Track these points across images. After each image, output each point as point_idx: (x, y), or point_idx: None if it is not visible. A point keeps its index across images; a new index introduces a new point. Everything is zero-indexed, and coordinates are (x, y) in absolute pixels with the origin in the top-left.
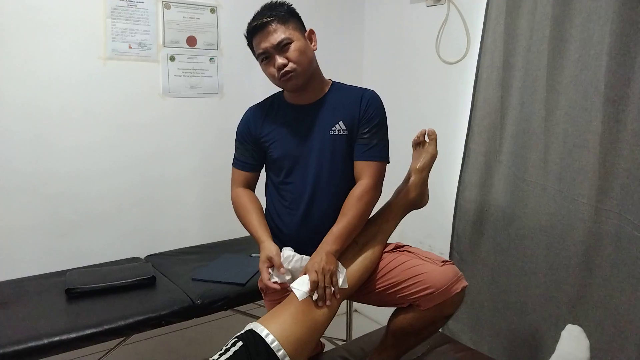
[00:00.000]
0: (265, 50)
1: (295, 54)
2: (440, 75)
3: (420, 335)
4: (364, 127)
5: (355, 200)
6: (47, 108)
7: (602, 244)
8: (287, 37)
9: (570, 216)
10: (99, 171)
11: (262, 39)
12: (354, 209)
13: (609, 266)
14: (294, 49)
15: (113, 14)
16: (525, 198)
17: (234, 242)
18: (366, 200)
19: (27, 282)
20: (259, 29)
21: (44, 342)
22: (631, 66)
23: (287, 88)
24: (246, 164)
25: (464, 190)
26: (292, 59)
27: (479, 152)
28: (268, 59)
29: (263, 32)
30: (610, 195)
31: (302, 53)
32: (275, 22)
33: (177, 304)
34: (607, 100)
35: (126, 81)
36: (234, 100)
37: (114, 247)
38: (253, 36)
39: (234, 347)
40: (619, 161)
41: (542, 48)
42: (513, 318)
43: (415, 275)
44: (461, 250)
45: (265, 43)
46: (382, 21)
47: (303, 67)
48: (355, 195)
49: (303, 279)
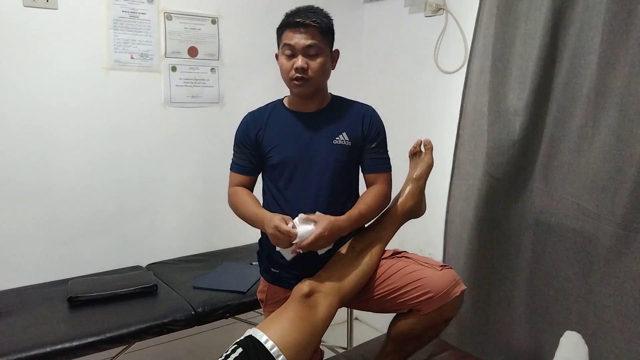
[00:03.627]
0: (293, 47)
1: (317, 66)
2: (438, 85)
3: (420, 340)
4: (372, 142)
5: (375, 194)
6: (50, 118)
7: (593, 246)
8: (318, 48)
9: (559, 216)
10: (101, 180)
11: (295, 35)
12: (373, 202)
13: (603, 270)
14: (318, 61)
15: (115, 25)
16: (515, 203)
17: (235, 250)
18: (383, 199)
19: (30, 291)
20: (298, 25)
21: (47, 350)
22: (619, 74)
23: (295, 91)
24: (244, 167)
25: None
26: (312, 68)
27: (466, 160)
28: (291, 54)
29: (300, 30)
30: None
31: (322, 68)
32: (315, 28)
33: (179, 312)
34: (596, 107)
35: (128, 91)
36: (235, 109)
37: (116, 255)
38: (288, 27)
39: (234, 353)
40: (603, 164)
41: (535, 55)
42: (512, 324)
43: (415, 281)
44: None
45: (297, 40)
46: (381, 31)
47: (317, 80)
48: (374, 192)
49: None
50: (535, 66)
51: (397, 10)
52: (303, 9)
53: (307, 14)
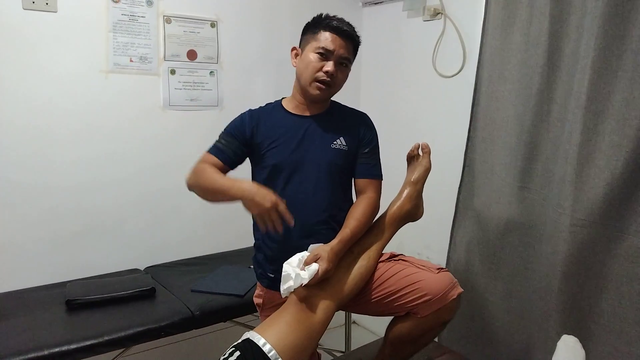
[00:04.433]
0: (330, 51)
1: (342, 76)
2: (436, 89)
3: (417, 343)
4: (365, 147)
5: (365, 206)
6: (49, 120)
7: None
8: (349, 61)
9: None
10: (100, 183)
11: (337, 41)
12: (363, 216)
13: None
14: (344, 73)
15: (115, 28)
16: (522, 208)
17: (233, 253)
18: (372, 210)
19: (27, 294)
20: (342, 33)
21: (45, 353)
22: (612, 80)
23: (313, 92)
24: (225, 154)
25: (463, 200)
26: (339, 78)
27: (477, 162)
28: (323, 56)
29: (342, 38)
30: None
31: (343, 80)
32: (353, 44)
33: (177, 315)
34: (587, 112)
35: (127, 94)
36: (233, 113)
37: (114, 258)
38: (331, 30)
39: (232, 356)
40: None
41: (537, 62)
42: (509, 328)
43: (412, 283)
44: (457, 260)
45: (337, 46)
46: (380, 35)
47: (336, 90)
48: (363, 204)
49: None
50: (539, 74)
51: (396, 15)
52: (342, 19)
53: (351, 27)
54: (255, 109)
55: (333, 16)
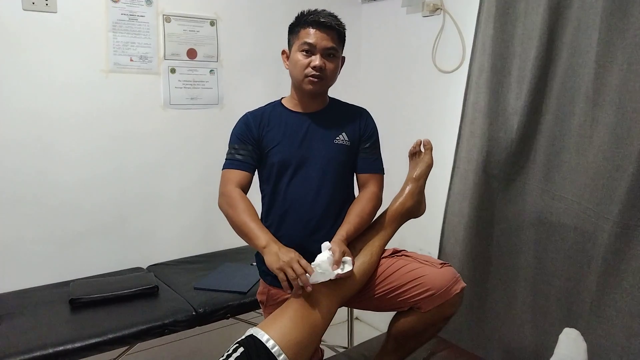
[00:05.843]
0: (312, 45)
1: (331, 67)
2: (436, 84)
3: (421, 338)
4: (366, 142)
5: (366, 201)
6: (50, 120)
7: (592, 244)
8: (335, 51)
9: (558, 215)
10: (102, 182)
11: (317, 35)
12: (365, 210)
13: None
14: (334, 63)
15: (114, 28)
16: (514, 201)
17: (235, 251)
18: (374, 204)
19: (31, 293)
20: (321, 25)
21: (49, 351)
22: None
23: (307, 88)
24: (245, 163)
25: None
26: (328, 69)
27: (466, 159)
28: (308, 52)
29: (322, 30)
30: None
31: (334, 70)
32: (336, 32)
33: (180, 313)
34: (594, 105)
35: (128, 93)
36: (234, 111)
37: (117, 257)
38: (310, 26)
39: (235, 353)
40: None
41: (532, 55)
42: (511, 322)
43: (415, 279)
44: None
45: (318, 40)
46: (379, 31)
47: (330, 81)
48: (366, 198)
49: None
50: (533, 66)
51: (395, 10)
52: (322, 11)
53: (330, 17)
54: (253, 111)
55: (313, 10)
